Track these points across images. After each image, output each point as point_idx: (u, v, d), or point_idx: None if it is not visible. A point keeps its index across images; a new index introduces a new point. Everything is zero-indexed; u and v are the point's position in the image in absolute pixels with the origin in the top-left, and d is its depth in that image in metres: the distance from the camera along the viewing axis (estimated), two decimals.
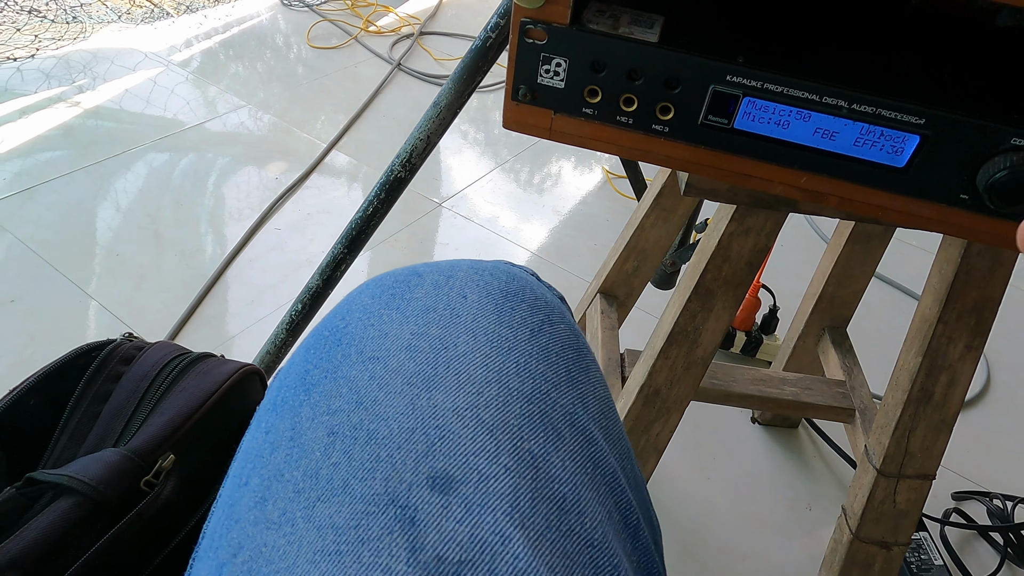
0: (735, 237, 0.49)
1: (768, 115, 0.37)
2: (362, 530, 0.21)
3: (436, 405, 0.23)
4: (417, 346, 0.25)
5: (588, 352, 0.29)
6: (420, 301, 0.27)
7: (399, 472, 0.22)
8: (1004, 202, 0.35)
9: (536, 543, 0.21)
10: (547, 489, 0.22)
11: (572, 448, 0.24)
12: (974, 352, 0.53)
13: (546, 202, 1.36)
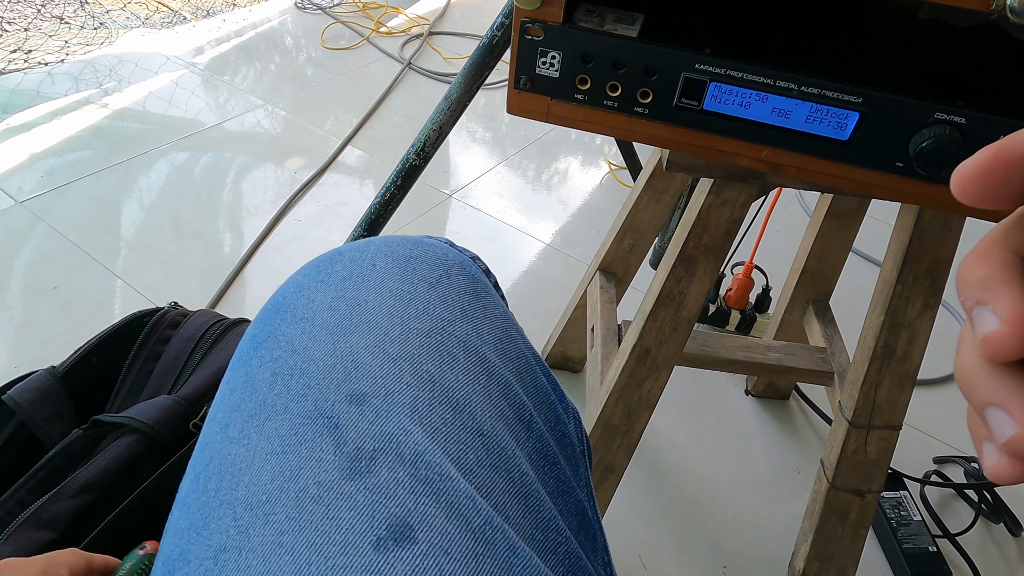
0: (713, 208, 0.55)
1: (732, 97, 0.44)
2: (300, 435, 0.29)
3: (351, 346, 0.31)
4: (336, 306, 0.33)
5: (488, 297, 0.36)
6: (340, 272, 0.35)
7: (325, 395, 0.30)
8: (931, 168, 0.41)
9: (432, 434, 0.29)
10: (442, 396, 0.30)
11: (465, 366, 0.31)
12: (930, 311, 0.59)
13: (551, 193, 1.43)
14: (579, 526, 0.33)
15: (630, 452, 0.70)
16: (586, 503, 0.34)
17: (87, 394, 0.62)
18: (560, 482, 0.33)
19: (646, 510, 0.88)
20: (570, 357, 1.01)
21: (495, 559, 0.27)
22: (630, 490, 0.90)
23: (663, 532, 0.86)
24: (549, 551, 0.29)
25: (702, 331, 0.77)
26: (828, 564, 0.77)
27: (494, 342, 0.33)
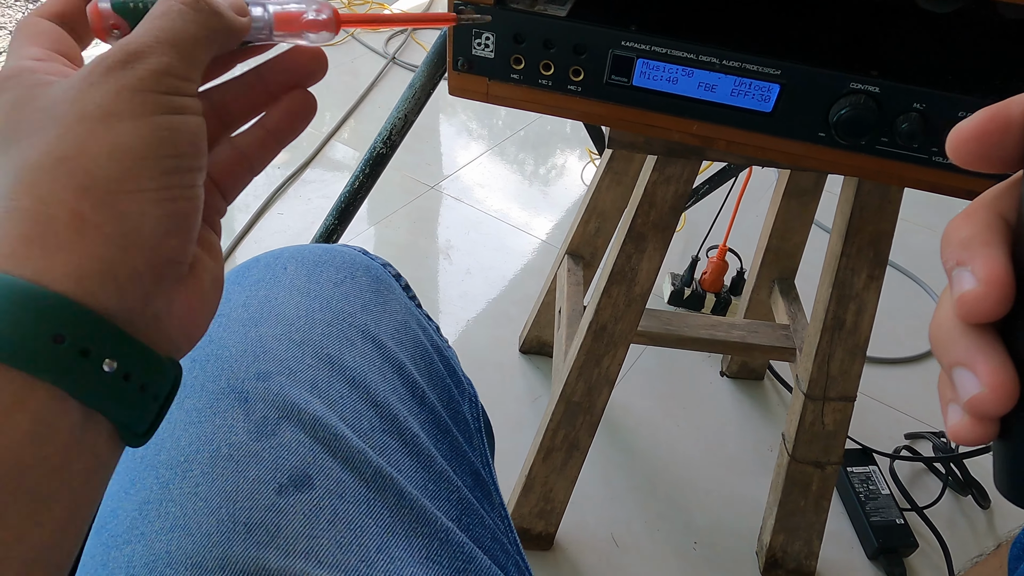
0: (658, 185, 0.57)
1: (660, 73, 0.45)
2: (214, 408, 0.32)
3: (261, 335, 0.35)
4: (249, 303, 0.36)
5: (390, 294, 0.40)
6: (254, 276, 0.39)
7: (236, 374, 0.33)
8: (850, 136, 0.43)
9: (330, 404, 0.33)
10: (340, 374, 0.34)
11: (362, 350, 0.35)
12: (876, 281, 0.61)
13: (533, 183, 1.44)
14: (474, 483, 0.36)
15: (593, 428, 0.72)
16: (481, 468, 0.37)
17: None
18: (453, 447, 0.36)
19: (619, 489, 0.90)
20: (545, 341, 1.02)
21: (385, 502, 0.29)
22: (603, 469, 0.92)
23: (635, 510, 0.88)
24: (442, 499, 0.32)
25: (667, 311, 0.79)
26: (793, 536, 0.78)
27: (391, 332, 0.37)
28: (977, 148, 0.17)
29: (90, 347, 0.19)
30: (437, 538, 0.31)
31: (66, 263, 0.19)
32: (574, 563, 0.82)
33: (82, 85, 0.21)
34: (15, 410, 0.18)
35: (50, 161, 0.20)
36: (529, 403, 0.99)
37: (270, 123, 0.27)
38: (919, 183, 0.45)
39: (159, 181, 0.21)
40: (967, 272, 0.17)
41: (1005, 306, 0.16)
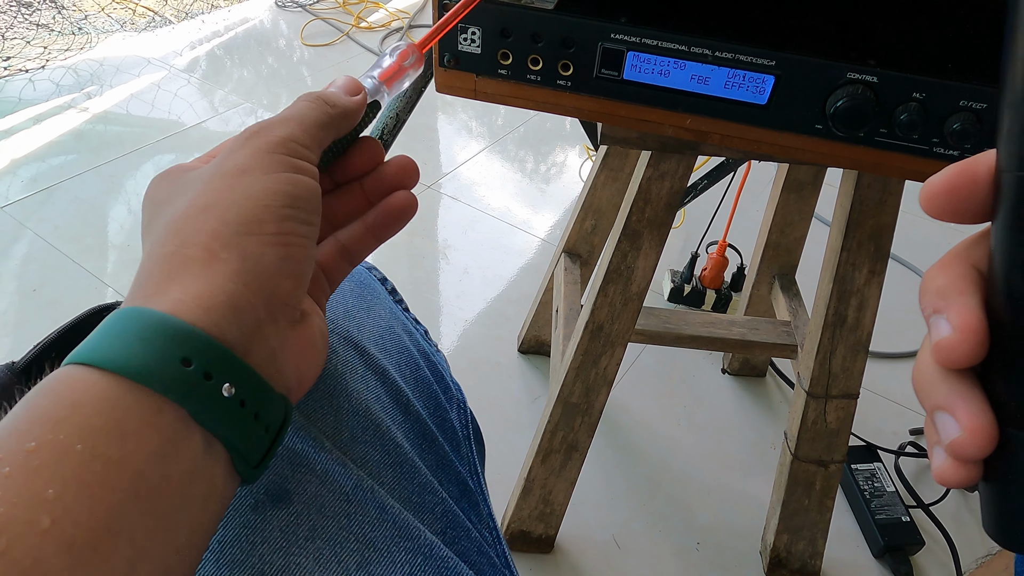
0: (653, 181, 0.56)
1: (651, 66, 0.44)
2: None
3: None
4: None
5: (375, 299, 0.39)
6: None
7: None
8: (847, 127, 0.42)
9: (308, 416, 0.31)
10: (319, 385, 0.32)
11: (344, 357, 0.34)
12: (877, 277, 0.60)
13: (531, 181, 1.43)
14: (460, 494, 0.35)
15: (591, 429, 0.71)
16: (468, 478, 0.36)
17: None
18: (438, 457, 0.35)
19: (620, 490, 0.89)
20: (544, 341, 1.01)
21: (366, 516, 0.28)
22: (603, 470, 0.90)
23: (637, 511, 0.87)
24: (427, 511, 0.31)
25: (665, 309, 0.78)
26: (797, 536, 0.77)
27: (375, 338, 0.36)
28: (946, 203, 0.18)
29: (213, 371, 0.21)
30: (421, 553, 0.30)
31: (196, 296, 0.22)
32: (575, 566, 0.81)
33: (225, 152, 0.26)
34: (146, 428, 0.20)
35: (193, 211, 0.24)
36: (528, 403, 0.98)
37: (370, 220, 0.31)
38: (920, 175, 0.44)
39: (278, 227, 0.24)
40: (943, 320, 0.18)
41: (980, 353, 0.17)
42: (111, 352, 0.20)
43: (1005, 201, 0.18)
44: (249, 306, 0.23)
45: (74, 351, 0.21)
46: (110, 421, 0.19)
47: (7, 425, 0.19)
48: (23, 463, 0.18)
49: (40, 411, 0.19)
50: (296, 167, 0.26)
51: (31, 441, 0.18)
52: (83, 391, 0.20)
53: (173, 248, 0.23)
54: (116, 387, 0.20)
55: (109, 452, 0.19)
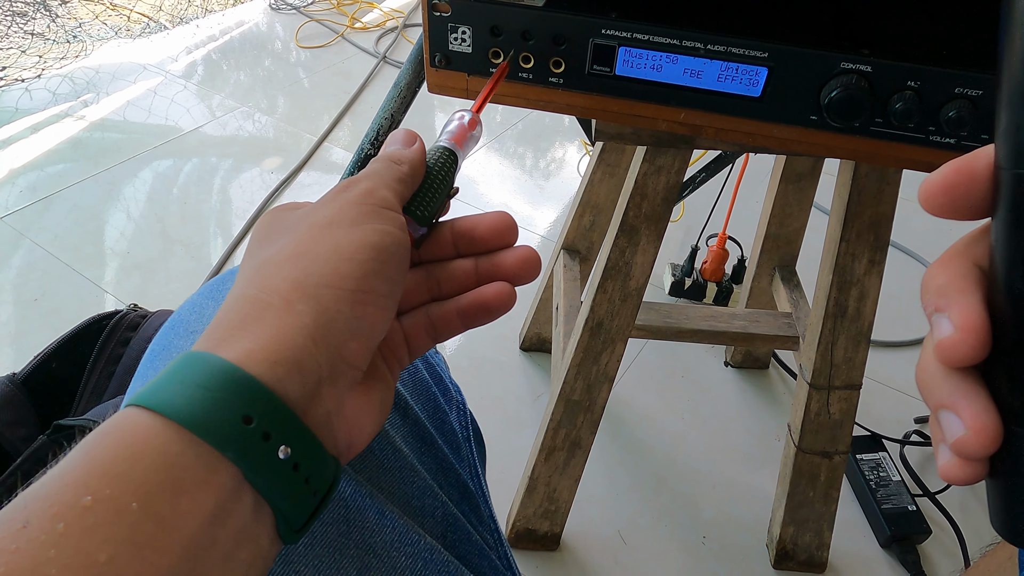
0: (649, 176, 0.55)
1: (643, 61, 0.44)
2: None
3: None
4: None
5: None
6: (229, 288, 0.37)
7: None
8: (842, 118, 0.41)
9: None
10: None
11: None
12: (877, 266, 0.59)
13: (529, 178, 1.42)
14: (461, 497, 0.35)
15: (594, 426, 0.71)
16: (469, 480, 0.36)
17: (50, 398, 0.63)
18: (438, 460, 0.35)
19: (624, 485, 0.89)
20: (545, 338, 1.01)
21: (364, 521, 0.28)
22: (607, 466, 0.90)
23: (642, 507, 0.87)
24: (427, 515, 0.31)
25: (666, 303, 0.77)
26: (803, 527, 0.77)
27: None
28: (945, 200, 0.18)
29: (272, 431, 0.21)
30: (421, 557, 0.30)
31: (265, 348, 0.21)
32: (581, 563, 0.81)
33: (316, 204, 0.27)
34: (201, 488, 0.19)
35: (280, 258, 0.24)
36: (531, 401, 0.98)
37: (462, 305, 0.29)
38: (917, 164, 0.43)
39: (359, 283, 0.24)
40: (945, 319, 0.18)
41: (982, 351, 0.17)
42: (175, 398, 0.20)
43: (1004, 198, 0.18)
44: (314, 363, 0.22)
45: (139, 392, 0.20)
46: (168, 478, 0.19)
47: (64, 472, 0.19)
48: (78, 520, 0.17)
49: (98, 461, 0.19)
50: (383, 217, 0.26)
51: (87, 495, 0.18)
52: (144, 441, 0.19)
53: (254, 292, 0.23)
54: (176, 439, 0.19)
55: (163, 512, 0.18)
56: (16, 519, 0.17)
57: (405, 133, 0.31)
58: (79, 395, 0.63)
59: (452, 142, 0.33)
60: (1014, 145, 0.17)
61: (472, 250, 0.30)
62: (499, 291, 0.29)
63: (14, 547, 0.17)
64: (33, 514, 0.17)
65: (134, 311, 0.67)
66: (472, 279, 0.30)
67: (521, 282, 0.29)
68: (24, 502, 0.18)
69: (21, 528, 0.17)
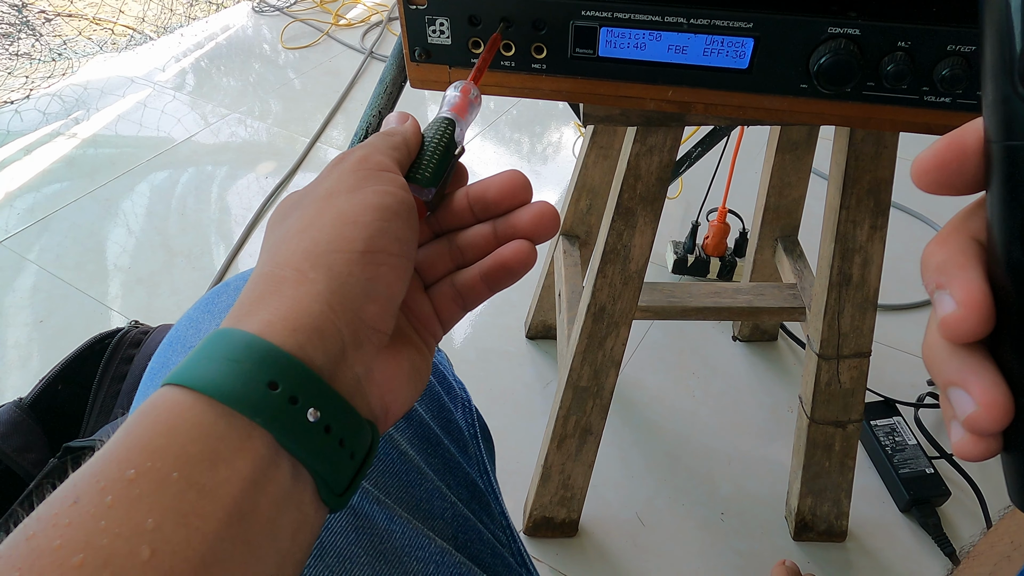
0: (641, 157, 0.54)
1: (626, 40, 0.43)
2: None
3: None
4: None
5: None
6: (224, 302, 0.37)
7: None
8: (833, 84, 0.40)
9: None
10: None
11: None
12: (879, 232, 0.58)
13: (525, 165, 1.41)
14: (470, 496, 0.34)
15: (604, 411, 0.70)
16: (478, 478, 0.35)
17: (58, 420, 0.63)
18: (445, 461, 0.34)
19: (639, 467, 0.89)
20: (551, 325, 1.01)
21: (373, 528, 0.28)
22: (621, 449, 0.90)
23: (658, 487, 0.87)
24: (436, 517, 0.31)
25: (669, 283, 0.77)
26: (821, 498, 0.76)
27: None
28: (937, 177, 0.18)
29: (298, 395, 0.21)
30: (432, 561, 0.29)
31: (284, 317, 0.22)
32: (600, 547, 0.81)
33: (315, 181, 0.27)
34: (237, 455, 0.20)
35: (289, 234, 0.25)
36: (540, 389, 0.98)
37: (485, 268, 0.29)
38: (913, 126, 0.42)
39: (367, 244, 0.24)
40: (947, 296, 0.17)
41: (986, 326, 0.17)
42: (204, 374, 0.21)
43: (996, 172, 0.17)
44: (334, 329, 0.23)
45: (171, 372, 0.21)
46: (205, 448, 0.19)
47: (107, 451, 0.20)
48: (124, 492, 0.18)
49: (138, 438, 0.20)
50: (382, 179, 0.26)
51: (130, 469, 0.19)
52: (178, 415, 0.20)
53: (269, 269, 0.24)
54: (209, 411, 0.20)
55: (203, 480, 0.19)
56: (67, 496, 0.19)
57: (398, 114, 0.31)
58: (87, 415, 0.63)
59: (451, 112, 0.33)
60: (1001, 117, 0.17)
61: (488, 213, 0.30)
62: (517, 249, 0.29)
63: (67, 521, 0.18)
64: (82, 491, 0.18)
65: (136, 328, 0.67)
66: (492, 242, 0.30)
67: (540, 239, 0.29)
68: (73, 482, 0.19)
69: (72, 504, 0.18)
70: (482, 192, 0.30)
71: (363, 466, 0.23)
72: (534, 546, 0.81)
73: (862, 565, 0.79)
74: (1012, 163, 0.17)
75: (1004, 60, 0.17)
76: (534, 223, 0.29)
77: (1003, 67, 0.17)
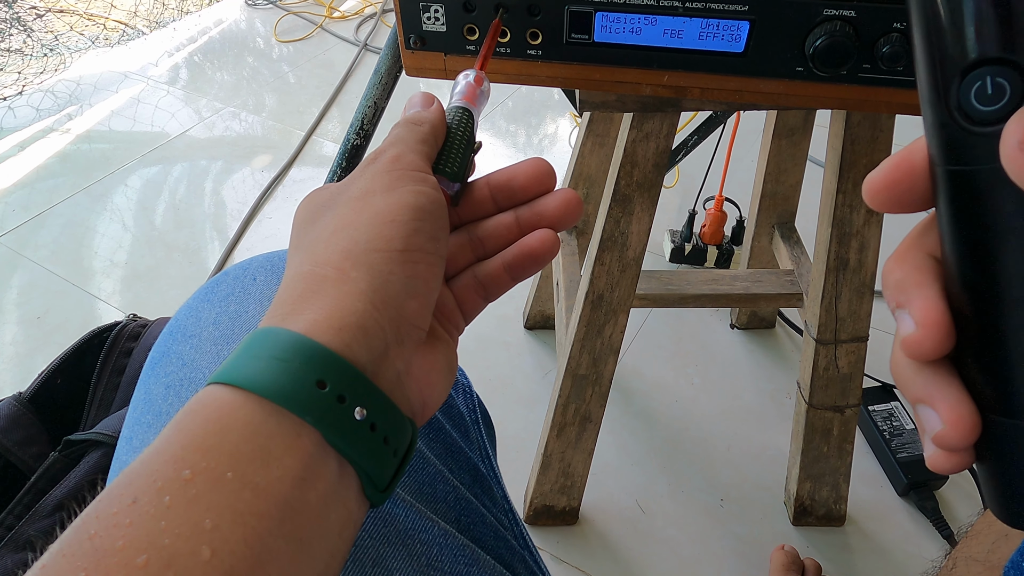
0: (638, 143, 0.54)
1: (621, 25, 0.43)
2: None
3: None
4: (220, 320, 0.35)
5: None
6: (224, 290, 0.37)
7: None
8: (829, 66, 0.40)
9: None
10: None
11: None
12: (877, 216, 0.58)
13: (524, 153, 1.41)
14: (472, 480, 0.35)
15: (603, 399, 0.70)
16: (479, 462, 0.36)
17: (58, 414, 0.63)
18: (446, 445, 0.34)
19: (639, 455, 0.89)
20: (549, 315, 1.01)
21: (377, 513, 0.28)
22: (620, 437, 0.90)
23: (658, 474, 0.87)
24: (439, 500, 0.31)
25: (666, 271, 0.77)
26: (820, 482, 0.77)
27: None
28: (890, 196, 0.18)
29: (345, 394, 0.21)
30: (436, 544, 0.30)
31: (329, 317, 0.22)
32: (602, 534, 0.82)
33: (348, 179, 0.27)
34: (288, 453, 0.20)
35: (326, 234, 0.25)
36: (539, 379, 0.98)
37: (508, 257, 0.29)
38: (908, 108, 0.42)
39: (405, 242, 0.24)
40: (906, 315, 0.17)
41: (946, 344, 0.17)
42: (252, 372, 0.21)
43: (941, 194, 0.18)
44: (377, 327, 0.23)
45: (217, 371, 0.22)
46: (256, 447, 0.20)
47: (160, 450, 0.20)
48: (181, 492, 0.19)
49: (191, 437, 0.20)
50: (415, 179, 0.26)
51: (186, 469, 0.19)
52: (230, 415, 0.20)
53: (309, 268, 0.24)
54: (259, 410, 0.20)
55: (256, 479, 0.19)
56: (125, 495, 0.19)
57: (423, 96, 0.31)
58: (86, 409, 0.63)
59: (464, 101, 0.34)
60: (941, 142, 0.17)
61: (512, 202, 0.30)
62: (543, 238, 0.29)
63: (128, 521, 0.18)
64: (140, 490, 0.19)
65: (134, 321, 0.67)
66: (515, 231, 0.30)
67: (565, 226, 0.30)
68: (128, 479, 0.19)
69: (131, 504, 0.18)
70: (508, 181, 0.30)
71: (403, 462, 0.24)
72: (535, 534, 0.81)
73: (861, 549, 0.80)
74: (955, 187, 0.17)
75: (937, 89, 0.17)
76: (561, 210, 0.29)
77: (937, 95, 0.17)
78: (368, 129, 0.80)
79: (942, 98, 0.17)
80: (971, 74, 0.16)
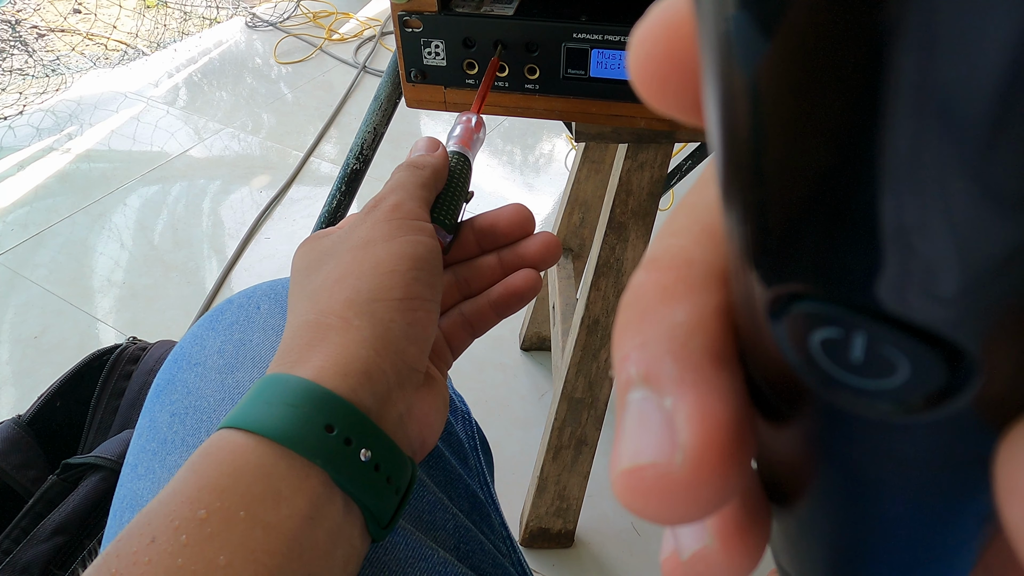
0: (632, 172, 0.56)
1: (616, 61, 0.44)
2: None
3: (238, 381, 0.34)
4: (224, 348, 0.36)
5: None
6: (228, 318, 0.38)
7: (215, 425, 0.33)
8: None
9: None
10: None
11: None
12: None
13: (518, 177, 1.43)
14: (471, 508, 0.35)
15: (599, 422, 0.71)
16: (478, 489, 0.36)
17: (57, 437, 0.63)
18: (446, 472, 0.35)
19: None
20: (545, 337, 1.02)
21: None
22: None
23: None
24: (438, 528, 0.31)
25: None
26: None
27: None
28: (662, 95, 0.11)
29: (352, 437, 0.23)
30: (435, 572, 0.30)
31: (336, 363, 0.23)
32: (597, 557, 0.82)
33: (348, 228, 0.28)
34: (297, 493, 0.21)
35: (328, 283, 0.26)
36: (535, 400, 0.98)
37: (493, 296, 0.31)
38: None
39: (405, 291, 0.26)
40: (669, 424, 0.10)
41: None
42: (263, 417, 0.22)
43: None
44: (380, 372, 0.24)
45: (229, 416, 0.23)
46: (267, 488, 0.21)
47: (177, 491, 0.21)
48: (197, 531, 0.20)
49: (206, 478, 0.21)
50: (414, 228, 0.27)
51: (201, 509, 0.20)
52: (243, 457, 0.21)
53: (313, 317, 0.25)
54: (270, 453, 0.22)
55: (267, 518, 0.20)
56: (144, 535, 0.20)
57: (428, 140, 0.33)
58: (85, 432, 0.63)
59: (460, 145, 0.35)
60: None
61: (495, 245, 0.32)
62: (527, 277, 0.31)
63: (147, 559, 0.19)
64: (158, 529, 0.20)
65: (133, 344, 0.67)
66: (498, 272, 0.32)
67: (545, 266, 0.32)
68: (147, 519, 0.20)
69: (150, 543, 0.19)
70: (491, 225, 0.31)
71: (404, 500, 0.25)
72: (530, 557, 0.82)
73: None
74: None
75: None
76: (541, 252, 0.31)
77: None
78: (367, 154, 0.81)
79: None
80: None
